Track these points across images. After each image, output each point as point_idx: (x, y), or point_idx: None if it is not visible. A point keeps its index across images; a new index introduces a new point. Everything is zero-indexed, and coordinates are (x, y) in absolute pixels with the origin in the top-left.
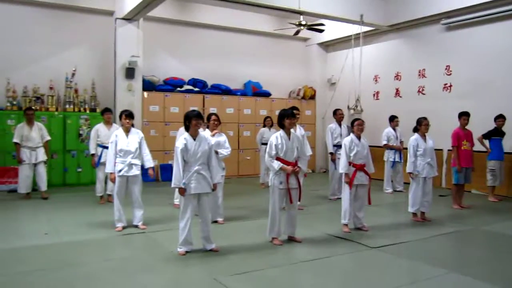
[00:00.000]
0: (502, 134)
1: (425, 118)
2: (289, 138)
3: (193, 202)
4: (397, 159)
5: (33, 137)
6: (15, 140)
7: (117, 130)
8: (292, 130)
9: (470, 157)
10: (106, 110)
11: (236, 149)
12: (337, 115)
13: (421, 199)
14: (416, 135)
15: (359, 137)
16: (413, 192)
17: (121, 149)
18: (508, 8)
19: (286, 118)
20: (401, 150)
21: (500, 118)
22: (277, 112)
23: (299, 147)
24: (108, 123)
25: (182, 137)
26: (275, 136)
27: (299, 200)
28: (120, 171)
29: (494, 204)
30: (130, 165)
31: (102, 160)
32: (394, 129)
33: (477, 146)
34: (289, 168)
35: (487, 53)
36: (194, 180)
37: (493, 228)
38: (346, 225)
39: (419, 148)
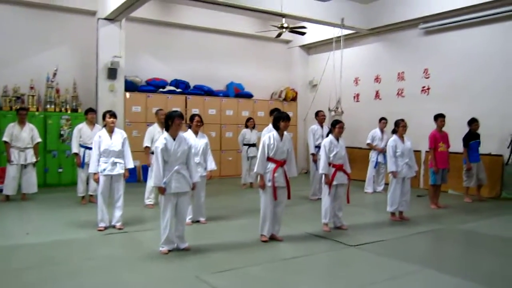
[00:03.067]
0: (478, 136)
1: (402, 120)
2: (281, 140)
3: (173, 201)
4: (380, 160)
5: (23, 138)
6: (4, 139)
7: (100, 131)
8: (286, 133)
9: (446, 159)
10: (90, 110)
11: (218, 150)
12: (319, 116)
13: (400, 199)
14: (394, 137)
15: (337, 139)
16: (392, 192)
17: (105, 149)
18: (483, 14)
19: (281, 120)
20: (383, 152)
21: (475, 122)
22: (259, 114)
23: (289, 149)
24: (91, 123)
25: (162, 137)
26: (268, 136)
27: (288, 198)
28: (104, 170)
29: (469, 204)
30: (114, 164)
31: (85, 160)
32: (382, 130)
33: (453, 148)
34: (260, 183)
35: (463, 57)
36: (174, 180)
37: (467, 227)
38: (326, 224)
39: (397, 149)
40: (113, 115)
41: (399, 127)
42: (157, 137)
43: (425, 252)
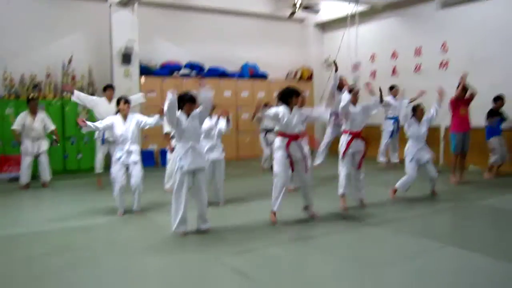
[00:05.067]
0: (500, 115)
1: (418, 105)
2: (291, 113)
3: (188, 180)
4: (395, 129)
5: (36, 128)
6: (14, 127)
7: (114, 116)
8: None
9: (467, 122)
10: (109, 87)
11: (234, 132)
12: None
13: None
14: (412, 119)
15: (354, 104)
16: (406, 177)
17: (120, 135)
18: None
19: (294, 95)
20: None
21: (499, 100)
22: (275, 94)
23: (303, 121)
24: (110, 99)
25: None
26: (276, 108)
27: (305, 171)
28: (119, 158)
29: (490, 180)
30: (129, 152)
31: (105, 136)
32: (394, 97)
33: (474, 123)
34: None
35: (483, 29)
36: (190, 156)
37: (488, 203)
38: (343, 196)
39: (411, 132)
40: (127, 101)
41: (417, 112)
42: None
43: (446, 229)
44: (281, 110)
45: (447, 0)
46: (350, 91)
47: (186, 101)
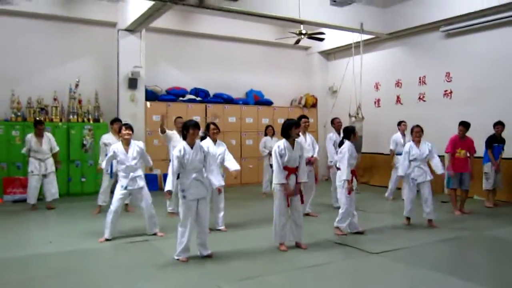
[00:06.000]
0: (502, 141)
1: (416, 126)
2: (293, 148)
3: (193, 208)
4: None
5: (43, 150)
6: (24, 151)
7: (116, 144)
8: (297, 139)
9: (464, 164)
10: (116, 120)
11: (239, 158)
12: (335, 123)
13: (423, 207)
14: (410, 142)
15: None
16: (405, 196)
17: (122, 163)
18: (505, 15)
19: (294, 127)
20: None
21: (499, 125)
22: (279, 121)
23: (301, 155)
24: (117, 133)
25: (180, 145)
26: (277, 145)
27: (302, 203)
28: (125, 187)
29: (491, 209)
30: (134, 179)
31: (114, 169)
32: (403, 133)
33: (477, 153)
34: (289, 190)
35: (486, 59)
36: (193, 187)
37: (491, 234)
38: (337, 227)
39: (411, 154)
40: (129, 127)
41: (412, 133)
42: (176, 144)
43: (447, 260)
44: (282, 146)
45: (451, 30)
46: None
47: (189, 127)
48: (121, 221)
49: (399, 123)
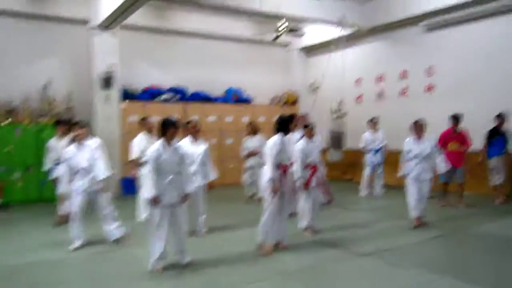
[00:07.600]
0: (504, 134)
1: (417, 121)
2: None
3: (167, 214)
4: (376, 162)
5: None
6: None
7: (69, 146)
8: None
9: (457, 158)
10: (59, 122)
11: (218, 158)
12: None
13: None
14: (410, 138)
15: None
16: (409, 197)
17: (75, 166)
18: (485, 7)
19: (294, 121)
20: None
21: (499, 117)
22: (260, 119)
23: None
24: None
25: (156, 144)
26: (274, 143)
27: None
28: (79, 187)
29: (489, 205)
30: (91, 180)
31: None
32: (373, 131)
33: (475, 147)
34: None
35: (468, 52)
36: (168, 191)
37: (483, 229)
38: (306, 229)
39: (411, 151)
40: (81, 126)
41: (414, 128)
42: (147, 146)
43: (440, 259)
44: (278, 143)
45: (432, 24)
46: (305, 126)
47: (169, 126)
48: (91, 229)
49: (371, 120)
